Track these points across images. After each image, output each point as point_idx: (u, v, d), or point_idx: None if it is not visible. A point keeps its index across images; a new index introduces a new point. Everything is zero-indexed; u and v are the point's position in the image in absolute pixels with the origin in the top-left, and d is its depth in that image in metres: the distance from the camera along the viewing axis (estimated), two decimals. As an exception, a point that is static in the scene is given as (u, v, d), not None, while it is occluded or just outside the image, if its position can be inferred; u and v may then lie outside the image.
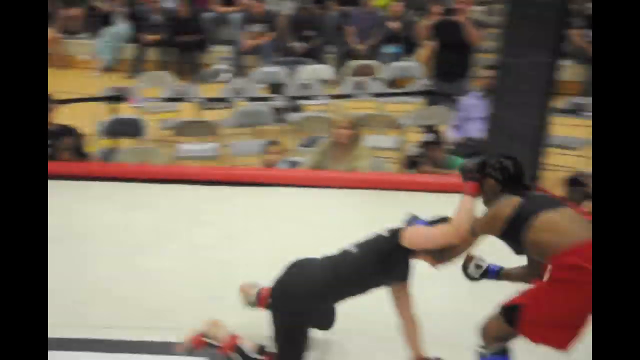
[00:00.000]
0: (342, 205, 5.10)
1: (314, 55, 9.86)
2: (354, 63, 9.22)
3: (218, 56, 10.16)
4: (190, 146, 6.96)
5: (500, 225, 3.05)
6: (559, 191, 5.31)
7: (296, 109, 7.87)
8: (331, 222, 4.79)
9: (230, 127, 7.34)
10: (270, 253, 4.28)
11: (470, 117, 6.58)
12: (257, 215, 4.96)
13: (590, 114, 6.78)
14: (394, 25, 10.06)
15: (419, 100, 7.62)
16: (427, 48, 7.30)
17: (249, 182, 5.47)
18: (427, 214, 3.63)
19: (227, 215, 4.99)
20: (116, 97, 7.32)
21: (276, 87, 8.58)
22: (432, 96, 7.60)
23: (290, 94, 8.07)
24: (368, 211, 4.97)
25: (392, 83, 9.10)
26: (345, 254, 3.26)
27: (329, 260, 3.27)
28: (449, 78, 7.47)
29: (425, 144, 6.13)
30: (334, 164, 5.70)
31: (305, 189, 5.39)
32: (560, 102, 7.24)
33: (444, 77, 7.54)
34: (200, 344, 3.35)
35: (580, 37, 9.62)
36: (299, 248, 4.30)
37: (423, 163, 6.01)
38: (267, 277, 3.85)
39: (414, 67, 9.02)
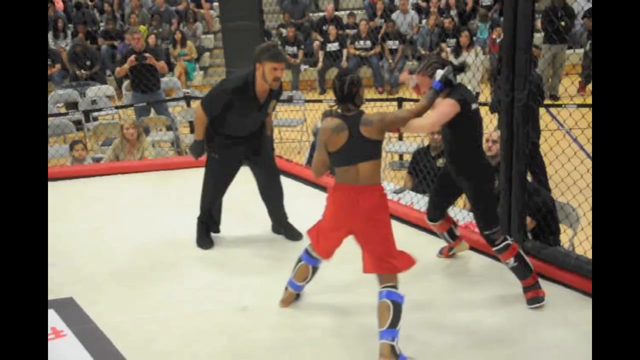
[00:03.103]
0: (138, 185, 5.08)
1: (96, 78, 9.69)
2: (128, 82, 9.00)
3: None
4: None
5: None
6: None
7: (90, 119, 7.57)
8: (133, 198, 4.80)
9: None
10: (87, 226, 4.27)
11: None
12: (75, 201, 4.82)
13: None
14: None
15: (182, 103, 7.67)
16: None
17: (63, 177, 5.25)
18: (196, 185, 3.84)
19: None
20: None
21: (71, 104, 8.20)
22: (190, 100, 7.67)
23: (84, 109, 7.75)
24: (158, 186, 4.99)
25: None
26: None
27: None
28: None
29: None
30: (127, 156, 5.69)
31: (109, 176, 5.30)
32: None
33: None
34: None
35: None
36: (111, 220, 4.35)
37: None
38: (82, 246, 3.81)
39: (175, 80, 9.04)
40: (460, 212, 4.10)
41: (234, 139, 3.65)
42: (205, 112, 3.56)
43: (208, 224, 3.89)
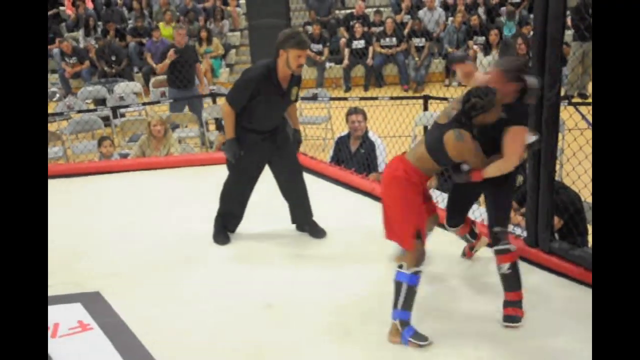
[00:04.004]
0: (165, 181, 5.11)
1: (124, 75, 9.84)
2: (156, 78, 9.13)
3: (48, 82, 9.62)
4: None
5: None
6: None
7: (118, 115, 7.68)
8: (159, 194, 4.84)
9: (69, 133, 6.99)
10: (114, 221, 4.32)
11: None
12: (102, 196, 4.88)
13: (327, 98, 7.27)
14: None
15: (208, 100, 7.72)
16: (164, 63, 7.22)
17: (91, 172, 5.33)
18: (221, 181, 3.81)
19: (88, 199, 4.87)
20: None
21: (99, 101, 8.31)
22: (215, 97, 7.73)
23: (112, 105, 7.86)
24: (185, 183, 5.01)
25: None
26: None
27: None
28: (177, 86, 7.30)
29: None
30: (153, 152, 5.74)
31: (136, 172, 5.35)
32: (302, 93, 7.75)
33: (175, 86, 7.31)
34: None
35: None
36: (137, 215, 4.40)
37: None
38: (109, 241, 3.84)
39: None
40: (478, 210, 4.06)
41: (259, 135, 3.62)
42: (232, 106, 3.53)
43: (226, 222, 3.88)
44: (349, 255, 3.64)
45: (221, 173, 3.94)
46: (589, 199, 3.78)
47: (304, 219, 3.94)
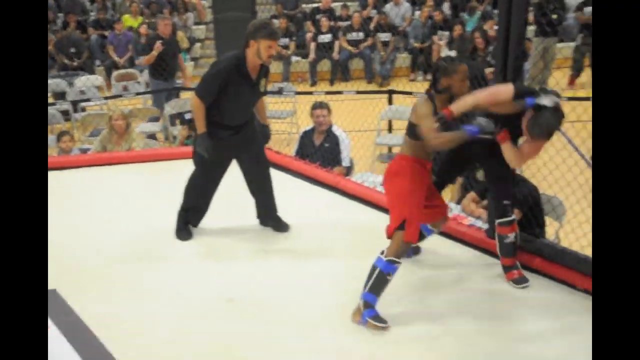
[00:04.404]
0: (126, 177, 5.01)
1: (85, 68, 9.63)
2: (118, 72, 8.99)
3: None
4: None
5: None
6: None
7: (78, 109, 7.51)
8: (120, 189, 4.76)
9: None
10: (73, 217, 4.23)
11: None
12: (61, 192, 4.77)
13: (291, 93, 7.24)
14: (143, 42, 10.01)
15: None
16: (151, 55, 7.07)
17: (49, 168, 5.19)
18: (184, 176, 3.76)
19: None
20: None
21: (59, 95, 8.11)
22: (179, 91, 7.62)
23: (72, 99, 7.68)
24: (146, 178, 4.94)
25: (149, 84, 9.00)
26: None
27: None
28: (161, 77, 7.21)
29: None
30: (114, 147, 5.64)
31: (96, 167, 5.24)
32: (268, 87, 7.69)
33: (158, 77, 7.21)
34: None
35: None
36: (97, 211, 4.32)
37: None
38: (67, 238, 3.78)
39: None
40: (448, 205, 4.09)
41: (228, 130, 3.57)
42: (202, 99, 3.46)
43: (190, 217, 3.81)
44: (313, 250, 3.63)
45: (184, 168, 3.89)
46: (548, 191, 3.85)
47: (268, 215, 3.91)
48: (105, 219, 4.17)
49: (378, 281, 2.81)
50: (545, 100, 2.76)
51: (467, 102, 2.82)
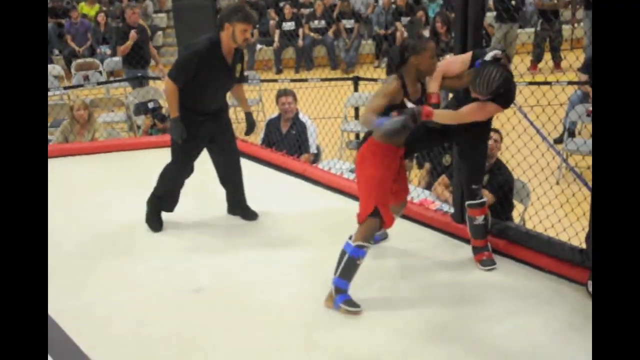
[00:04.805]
0: (89, 168, 4.93)
1: (43, 58, 9.40)
2: (78, 61, 8.80)
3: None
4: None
5: None
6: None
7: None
8: (83, 180, 4.66)
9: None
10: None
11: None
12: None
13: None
14: (104, 30, 9.81)
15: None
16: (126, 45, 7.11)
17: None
18: (153, 166, 3.72)
19: None
20: None
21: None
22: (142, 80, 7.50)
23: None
24: (110, 168, 4.86)
25: (112, 73, 8.84)
26: None
27: None
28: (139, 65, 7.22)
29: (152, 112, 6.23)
30: (76, 137, 5.52)
31: (58, 159, 5.13)
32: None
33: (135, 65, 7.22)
34: None
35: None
36: (60, 204, 4.23)
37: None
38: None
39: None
40: (415, 190, 4.14)
41: (201, 116, 3.51)
42: (175, 82, 3.38)
43: (163, 204, 3.75)
44: (281, 238, 3.63)
45: (148, 158, 3.84)
46: (523, 177, 3.91)
47: (237, 204, 3.89)
48: (69, 211, 4.09)
49: (347, 266, 2.83)
50: (487, 56, 2.80)
51: (435, 77, 2.89)
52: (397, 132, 2.65)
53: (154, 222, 3.74)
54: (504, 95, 2.84)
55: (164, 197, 3.74)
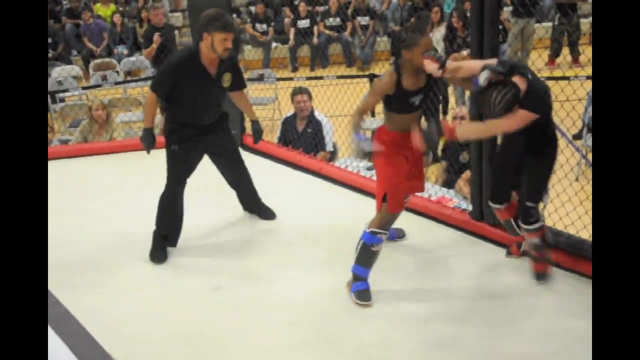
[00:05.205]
0: (108, 167, 4.97)
1: (62, 59, 9.48)
2: (96, 62, 8.88)
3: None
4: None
5: None
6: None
7: (57, 100, 7.40)
8: (102, 180, 4.70)
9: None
10: (56, 209, 4.17)
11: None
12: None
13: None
14: (120, 30, 9.90)
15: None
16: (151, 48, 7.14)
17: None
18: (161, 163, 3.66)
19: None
20: None
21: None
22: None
23: (49, 90, 7.56)
24: (128, 168, 4.88)
25: (129, 73, 8.92)
26: None
27: None
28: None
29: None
30: (95, 137, 5.57)
31: (77, 159, 5.18)
32: (247, 74, 7.66)
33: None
34: None
35: (251, 27, 10.11)
36: (80, 203, 4.27)
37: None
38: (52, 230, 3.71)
39: (142, 60, 8.85)
40: (433, 187, 4.11)
41: (196, 129, 3.37)
42: (155, 92, 3.29)
43: (166, 243, 3.50)
44: (297, 236, 3.63)
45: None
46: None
47: (253, 205, 3.87)
48: (88, 210, 4.13)
49: (363, 253, 2.85)
50: (481, 81, 2.63)
51: (478, 131, 2.81)
52: (360, 155, 2.77)
53: (158, 258, 3.44)
54: (527, 101, 2.63)
55: (169, 234, 3.52)
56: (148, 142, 3.41)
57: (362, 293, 2.87)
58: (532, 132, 2.72)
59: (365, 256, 2.85)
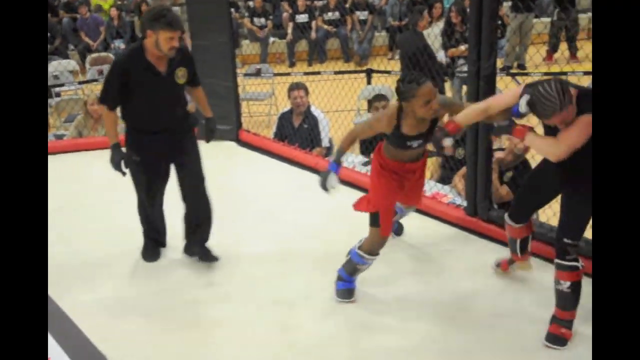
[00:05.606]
0: (103, 163, 4.92)
1: (58, 53, 9.43)
2: (92, 56, 8.84)
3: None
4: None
5: None
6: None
7: (53, 95, 7.38)
8: (98, 176, 4.67)
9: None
10: (56, 205, 4.13)
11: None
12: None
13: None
14: (118, 24, 9.87)
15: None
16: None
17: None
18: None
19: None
20: None
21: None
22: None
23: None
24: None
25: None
26: None
27: None
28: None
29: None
30: (90, 132, 5.55)
31: (73, 154, 5.16)
32: (245, 69, 7.64)
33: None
34: None
35: (249, 22, 10.07)
36: (74, 200, 4.25)
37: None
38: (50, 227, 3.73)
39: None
40: (428, 183, 4.09)
41: (153, 134, 3.09)
42: (106, 104, 3.06)
43: (154, 238, 3.44)
44: (292, 232, 3.62)
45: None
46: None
47: (198, 241, 3.35)
48: (82, 206, 4.11)
49: (350, 266, 2.89)
50: (522, 108, 2.36)
51: (471, 113, 2.62)
52: (322, 186, 2.77)
53: (149, 257, 3.40)
54: (585, 104, 2.28)
55: (155, 236, 3.45)
56: (119, 159, 3.12)
57: (344, 292, 2.89)
58: (578, 154, 2.36)
59: (351, 269, 2.89)
